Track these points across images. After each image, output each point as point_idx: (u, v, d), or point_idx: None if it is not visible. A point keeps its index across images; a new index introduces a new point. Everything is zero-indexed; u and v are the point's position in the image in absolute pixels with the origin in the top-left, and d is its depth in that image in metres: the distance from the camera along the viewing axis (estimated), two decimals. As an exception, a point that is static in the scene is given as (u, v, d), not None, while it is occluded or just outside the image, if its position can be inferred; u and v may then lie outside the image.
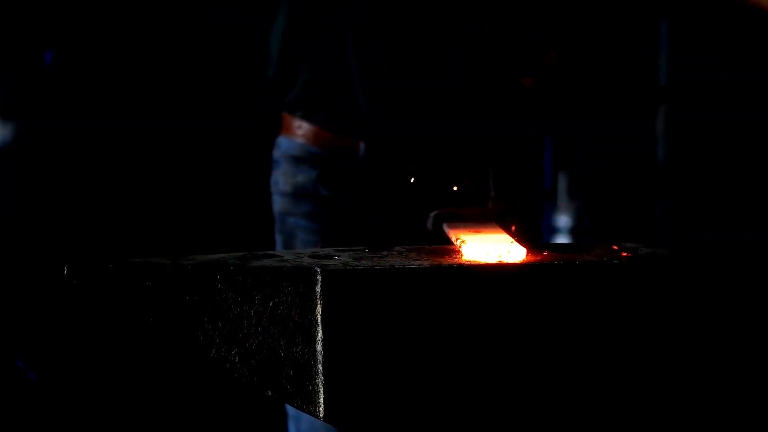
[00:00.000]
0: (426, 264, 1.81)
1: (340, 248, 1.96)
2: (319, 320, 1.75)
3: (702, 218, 4.83)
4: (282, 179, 2.71)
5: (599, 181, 5.02)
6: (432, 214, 2.13)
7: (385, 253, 1.91)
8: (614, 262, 1.82)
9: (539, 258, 1.86)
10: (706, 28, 4.71)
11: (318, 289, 1.75)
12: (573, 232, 5.19)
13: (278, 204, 2.73)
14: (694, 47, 4.75)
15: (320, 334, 1.75)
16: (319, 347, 1.75)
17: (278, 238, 2.74)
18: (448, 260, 1.85)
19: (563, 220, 5.28)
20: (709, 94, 4.73)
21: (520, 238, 1.98)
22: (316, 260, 1.84)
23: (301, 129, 2.67)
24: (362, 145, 2.60)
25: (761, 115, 4.61)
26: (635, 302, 1.81)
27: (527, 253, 1.86)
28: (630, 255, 1.86)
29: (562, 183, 5.20)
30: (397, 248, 1.95)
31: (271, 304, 1.78)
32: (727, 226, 4.74)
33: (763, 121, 4.62)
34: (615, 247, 1.94)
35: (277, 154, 2.74)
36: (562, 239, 5.26)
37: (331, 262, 1.82)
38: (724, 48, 4.62)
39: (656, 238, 4.88)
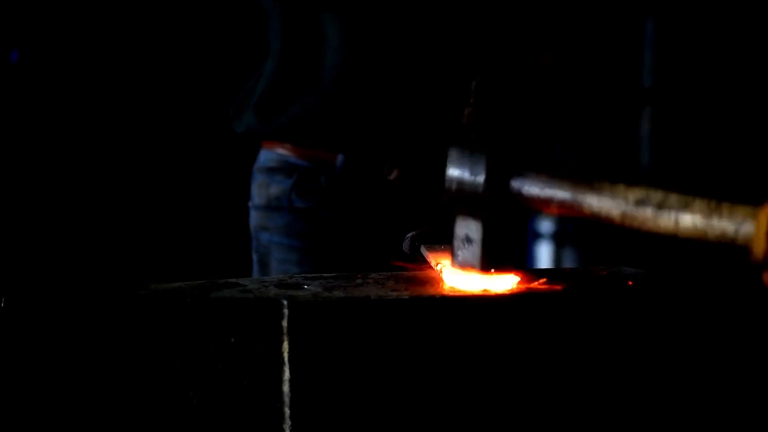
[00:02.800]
0: (405, 295, 1.63)
1: (309, 275, 1.78)
2: (286, 359, 1.58)
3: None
4: (257, 192, 2.55)
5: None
6: (408, 236, 1.95)
7: (359, 281, 1.74)
8: (614, 292, 1.65)
9: (530, 286, 1.68)
10: (693, 26, 4.60)
11: (284, 323, 1.58)
12: (556, 237, 5.06)
13: (253, 219, 2.57)
14: (681, 47, 4.65)
15: (287, 374, 1.58)
16: (286, 388, 1.58)
17: (254, 257, 2.57)
18: (430, 290, 1.67)
19: (546, 225, 5.14)
20: (695, 96, 4.63)
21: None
22: (282, 290, 1.67)
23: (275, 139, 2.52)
24: (340, 157, 2.44)
25: (749, 115, 4.50)
26: (640, 336, 1.64)
27: (517, 280, 1.69)
28: (634, 283, 1.69)
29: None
30: (373, 275, 1.78)
31: (232, 341, 1.61)
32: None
33: (750, 121, 4.51)
34: (614, 273, 1.76)
35: (254, 167, 2.58)
36: (544, 245, 5.14)
37: (299, 293, 1.65)
38: (712, 48, 4.52)
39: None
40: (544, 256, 5.12)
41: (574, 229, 5.02)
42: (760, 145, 4.54)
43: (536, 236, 5.19)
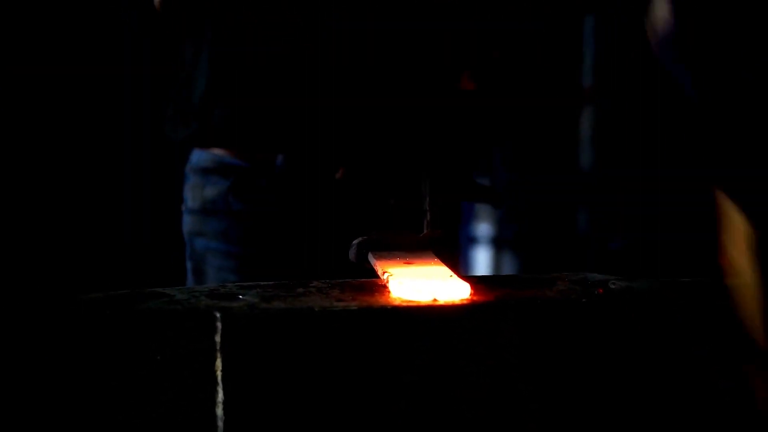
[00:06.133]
0: (352, 305, 1.47)
1: (245, 284, 1.61)
2: (220, 378, 1.42)
3: (628, 224, 4.64)
4: (190, 194, 2.38)
5: (522, 187, 4.78)
6: (355, 242, 1.79)
7: (301, 290, 1.57)
8: (582, 301, 1.50)
9: (486, 296, 1.53)
10: (636, 23, 4.50)
11: (217, 338, 1.42)
12: (494, 242, 4.93)
13: (187, 224, 2.40)
14: (623, 45, 4.55)
15: (221, 395, 1.42)
16: (219, 411, 1.42)
17: (188, 265, 2.39)
18: (378, 300, 1.51)
19: (483, 228, 5.01)
20: (638, 95, 4.54)
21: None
22: (215, 301, 1.50)
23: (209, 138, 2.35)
24: (280, 156, 2.28)
25: (693, 114, 4.42)
26: (609, 350, 1.49)
27: (471, 289, 1.53)
28: (601, 291, 1.54)
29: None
30: (315, 283, 1.61)
31: (158, 359, 1.44)
32: (654, 231, 4.55)
33: (695, 120, 4.43)
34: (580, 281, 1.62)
35: (187, 166, 2.40)
36: (481, 250, 5.00)
37: (234, 304, 1.48)
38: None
39: (579, 246, 4.67)
40: (481, 261, 4.99)
41: (513, 234, 4.89)
42: (705, 145, 4.44)
43: (472, 241, 5.05)
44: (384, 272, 1.62)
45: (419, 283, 1.53)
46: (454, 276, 1.59)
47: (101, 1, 3.72)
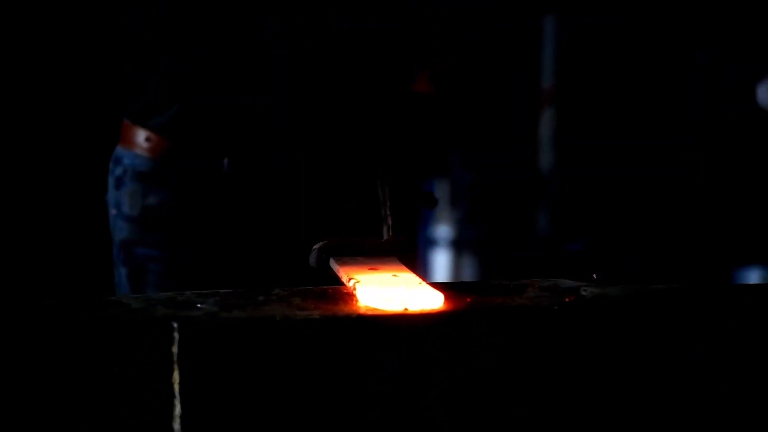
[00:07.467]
0: (315, 314, 1.41)
1: (203, 292, 1.54)
2: (177, 391, 1.35)
3: (587, 227, 4.62)
4: (127, 201, 2.28)
5: (482, 189, 4.74)
6: (316, 247, 1.72)
7: (261, 297, 1.51)
8: (554, 308, 1.44)
9: (457, 304, 1.47)
10: (597, 24, 4.47)
11: (175, 349, 1.35)
12: (454, 244, 4.88)
13: (123, 231, 2.30)
14: (583, 45, 4.52)
15: (178, 410, 1.35)
16: (177, 426, 1.36)
17: (122, 271, 2.30)
18: (343, 308, 1.45)
19: (442, 230, 4.96)
20: (598, 96, 4.51)
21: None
22: (172, 310, 1.43)
23: (150, 142, 2.26)
24: (225, 161, 2.20)
25: (654, 115, 4.41)
26: (581, 358, 1.43)
27: (443, 297, 1.47)
28: (572, 298, 1.48)
29: (441, 191, 4.89)
30: (276, 291, 1.54)
31: (115, 370, 1.37)
32: (613, 235, 4.53)
33: (656, 121, 4.42)
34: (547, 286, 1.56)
35: (118, 170, 2.30)
36: (441, 253, 4.95)
37: (192, 313, 1.41)
38: (616, 46, 4.40)
39: (537, 249, 4.64)
40: (441, 264, 4.94)
41: (474, 235, 4.84)
42: (666, 145, 4.42)
43: (432, 243, 5.00)
44: (350, 279, 1.56)
45: (389, 291, 1.47)
46: (424, 283, 1.53)
47: (101, 1, 3.66)
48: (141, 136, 2.27)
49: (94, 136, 2.81)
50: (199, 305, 1.46)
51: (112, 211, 2.31)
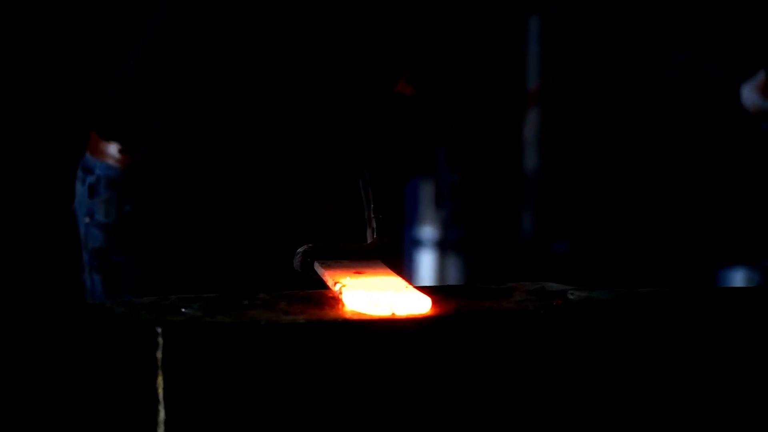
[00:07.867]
0: (301, 319, 1.40)
1: (187, 296, 1.53)
2: (161, 396, 1.33)
3: (572, 227, 4.62)
4: (102, 208, 2.25)
5: (467, 189, 4.73)
6: (300, 251, 1.71)
7: (246, 302, 1.49)
8: (541, 312, 1.43)
9: (444, 308, 1.45)
10: (582, 24, 4.46)
11: (159, 354, 1.33)
12: (439, 245, 4.87)
13: (98, 239, 2.27)
14: (569, 46, 4.51)
15: (162, 415, 1.34)
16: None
17: (96, 278, 2.27)
18: (329, 313, 1.43)
19: (427, 231, 4.95)
20: (583, 97, 4.50)
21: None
22: (156, 315, 1.41)
23: (123, 154, 2.24)
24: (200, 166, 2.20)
25: (639, 116, 4.40)
26: (569, 363, 1.42)
27: (430, 301, 1.46)
28: (559, 302, 1.47)
29: (425, 192, 4.89)
30: (261, 295, 1.53)
31: (99, 374, 1.36)
32: (597, 236, 4.53)
33: (641, 122, 4.42)
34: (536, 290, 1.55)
35: (90, 178, 2.27)
36: (425, 253, 4.94)
37: (176, 317, 1.40)
38: (601, 46, 4.40)
39: (522, 249, 4.64)
40: (426, 265, 4.93)
41: (458, 236, 4.84)
42: (651, 146, 4.42)
43: (417, 244, 4.99)
44: (336, 283, 1.54)
45: (376, 295, 1.46)
46: (410, 287, 1.52)
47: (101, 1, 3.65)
48: (113, 148, 2.24)
49: (56, 143, 2.78)
50: (183, 310, 1.44)
51: (85, 220, 2.28)
